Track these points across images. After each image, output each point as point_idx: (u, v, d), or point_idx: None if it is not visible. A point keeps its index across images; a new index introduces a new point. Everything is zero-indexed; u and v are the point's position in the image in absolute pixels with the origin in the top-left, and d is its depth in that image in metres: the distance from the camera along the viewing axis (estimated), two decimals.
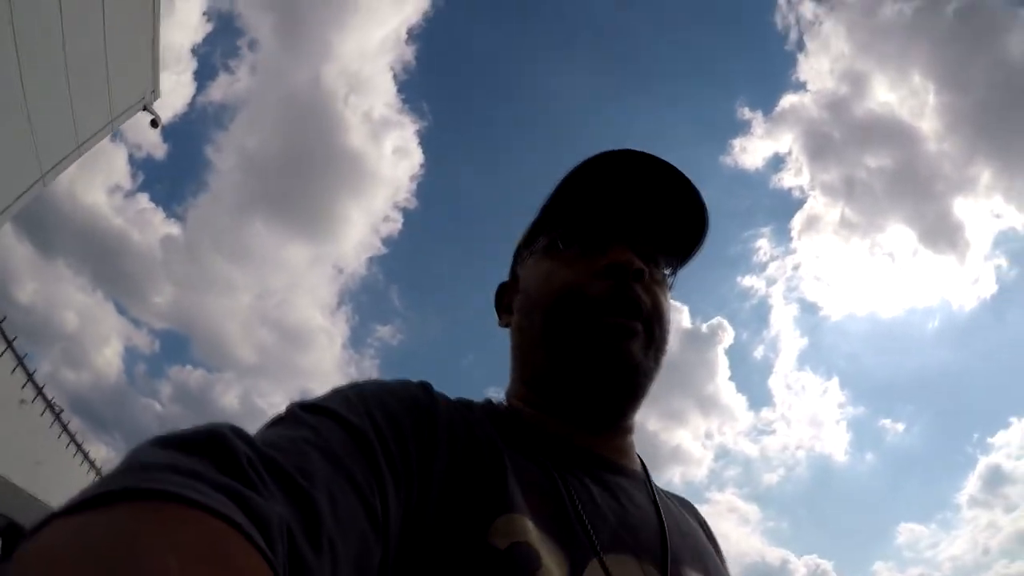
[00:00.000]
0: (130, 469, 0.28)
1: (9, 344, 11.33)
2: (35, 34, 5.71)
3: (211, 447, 0.31)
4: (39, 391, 13.05)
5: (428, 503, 0.44)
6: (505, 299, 0.72)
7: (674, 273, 0.67)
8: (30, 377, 12.41)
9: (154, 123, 7.83)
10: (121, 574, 0.21)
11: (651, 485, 0.62)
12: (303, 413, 0.43)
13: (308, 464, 0.36)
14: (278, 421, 0.43)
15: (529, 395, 0.63)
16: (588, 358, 0.58)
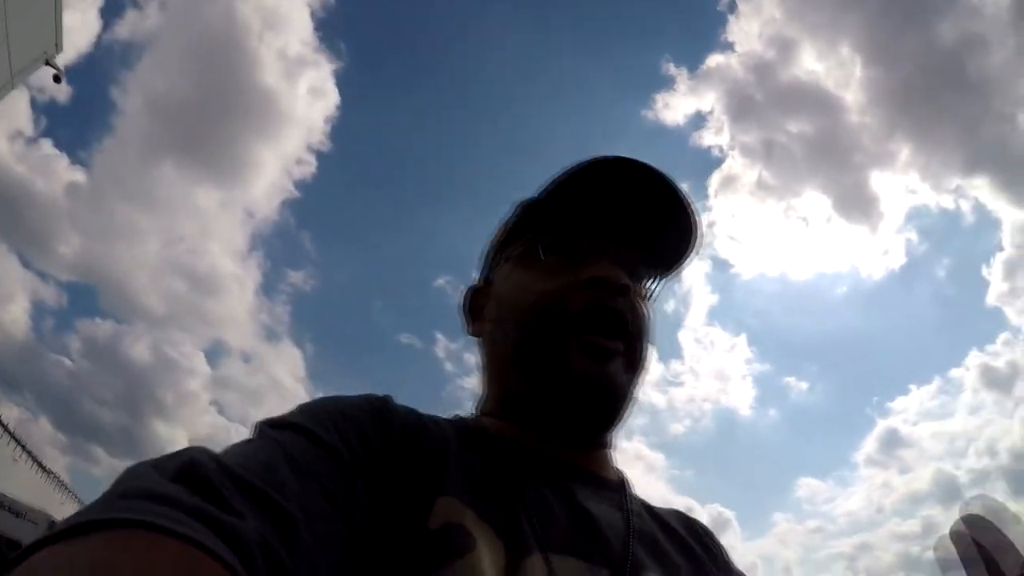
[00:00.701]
0: (110, 498, 0.30)
1: None
2: None
3: (185, 472, 0.33)
4: None
5: (382, 500, 0.44)
6: (475, 304, 0.68)
7: (660, 284, 0.65)
8: None
9: (56, 78, 7.87)
10: None
11: (627, 496, 0.59)
12: (269, 430, 0.44)
13: (279, 477, 0.37)
14: (245, 440, 0.43)
15: (498, 410, 0.61)
16: (564, 380, 0.55)
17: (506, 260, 0.65)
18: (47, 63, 7.78)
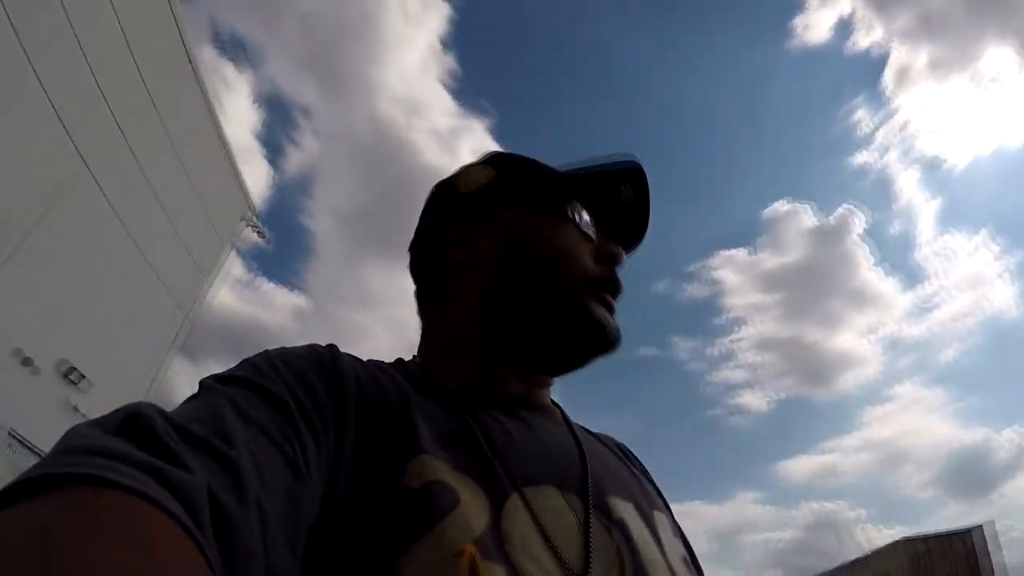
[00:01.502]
0: (53, 455, 0.29)
1: None
2: (135, 205, 6.41)
3: (128, 426, 0.32)
4: None
5: (343, 456, 0.44)
6: (454, 233, 0.67)
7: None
8: None
9: (260, 234, 8.59)
10: (43, 567, 0.22)
11: (569, 422, 0.63)
12: (216, 384, 0.43)
13: (225, 427, 0.36)
14: (194, 396, 0.42)
15: (454, 348, 0.63)
16: (584, 320, 0.60)
17: (518, 204, 0.67)
18: (248, 225, 8.60)
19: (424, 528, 0.41)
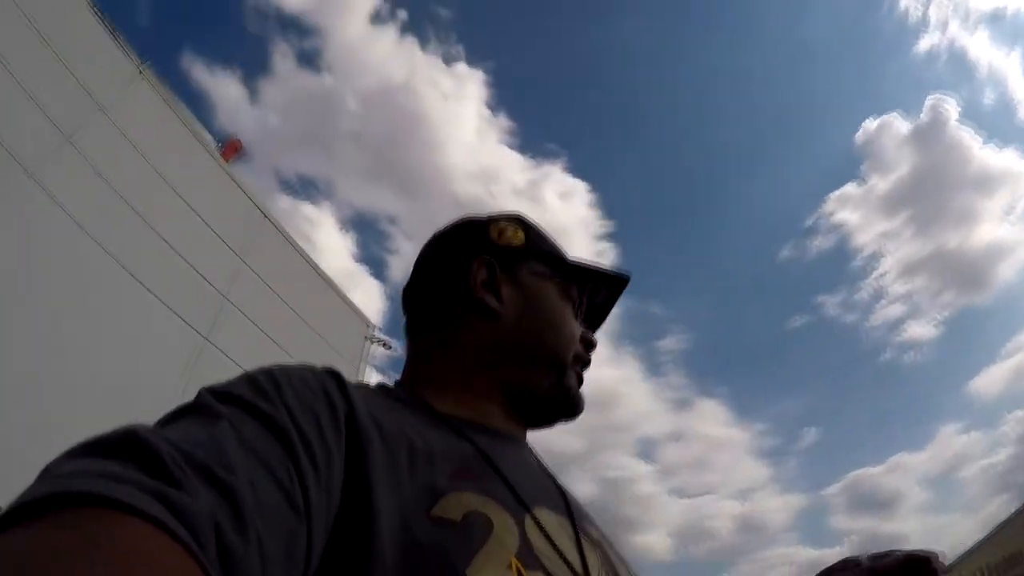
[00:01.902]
0: (57, 475, 0.28)
1: None
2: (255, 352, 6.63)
3: (131, 448, 0.31)
4: None
5: (370, 490, 0.44)
6: (481, 275, 0.72)
7: None
8: None
9: (386, 346, 8.79)
10: None
11: (538, 456, 0.70)
12: (215, 402, 0.41)
13: (227, 456, 0.35)
14: (190, 410, 0.41)
15: (444, 378, 0.67)
16: (564, 389, 0.70)
17: (539, 275, 0.74)
18: (372, 341, 8.77)
19: (468, 554, 0.45)
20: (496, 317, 0.70)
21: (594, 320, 0.82)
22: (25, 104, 4.38)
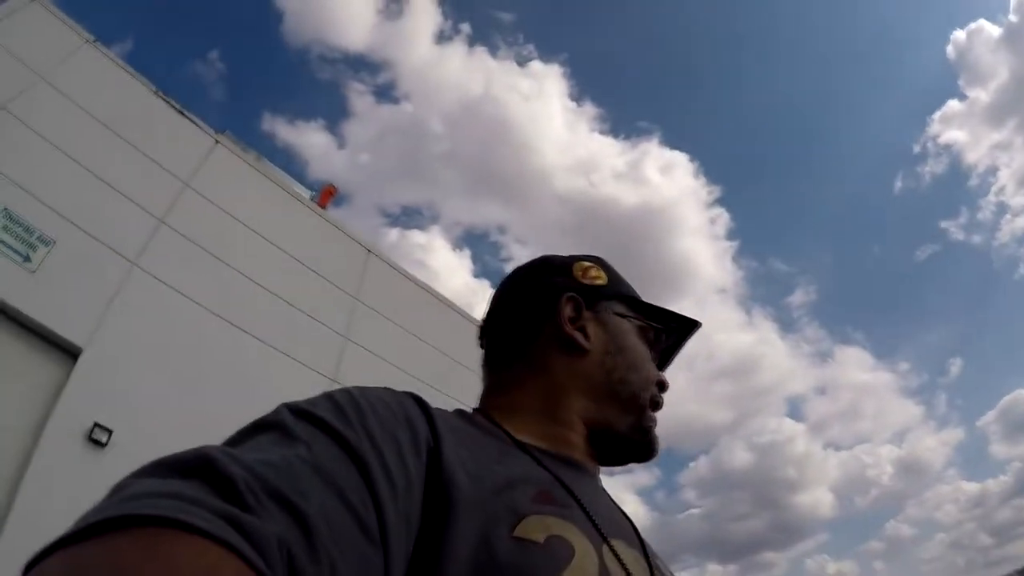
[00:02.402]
0: (121, 500, 0.28)
1: None
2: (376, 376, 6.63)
3: (203, 470, 0.31)
4: None
5: (451, 512, 0.44)
6: (569, 313, 0.74)
7: None
8: None
9: None
10: None
11: (606, 491, 0.70)
12: (294, 421, 0.41)
13: (301, 483, 0.35)
14: (267, 426, 0.41)
15: (525, 410, 0.68)
16: (641, 427, 0.71)
17: (619, 315, 0.76)
18: None
19: (558, 572, 0.45)
20: (583, 353, 0.72)
21: (663, 362, 0.82)
22: (113, 197, 4.55)
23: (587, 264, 0.80)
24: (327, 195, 8.83)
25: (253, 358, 5.27)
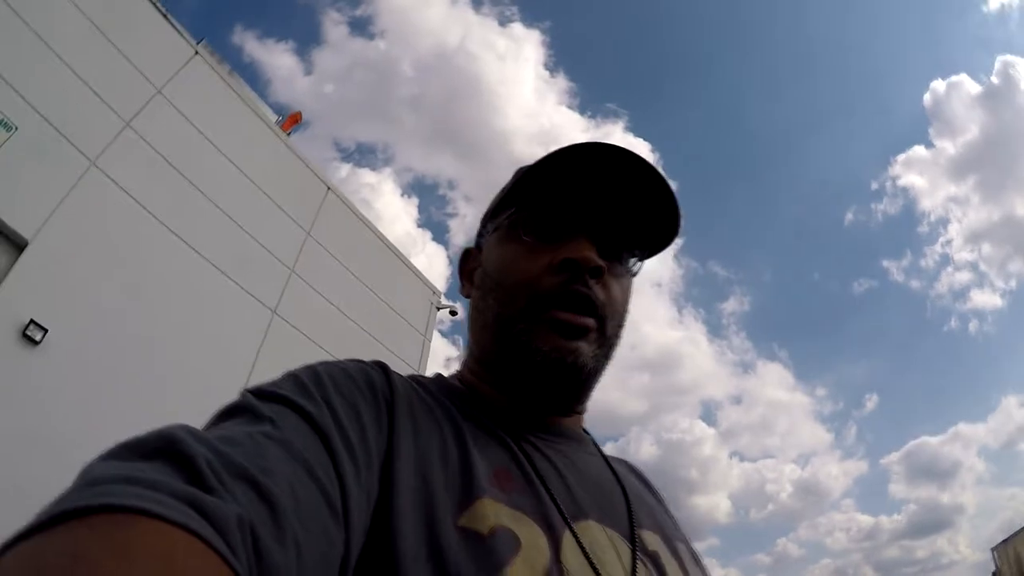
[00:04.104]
0: (85, 485, 0.28)
1: None
2: (321, 324, 6.72)
3: (166, 451, 0.31)
4: None
5: (397, 492, 0.43)
6: (468, 267, 0.71)
7: (642, 260, 0.66)
8: None
9: (452, 312, 8.76)
10: None
11: (602, 452, 0.65)
12: (257, 402, 0.42)
13: (267, 460, 0.35)
14: (232, 411, 0.41)
15: (480, 371, 0.64)
16: (531, 356, 0.57)
17: (495, 230, 0.66)
18: (438, 308, 8.74)
19: (495, 571, 0.42)
20: (473, 307, 0.67)
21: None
22: (83, 94, 4.43)
23: (495, 199, 0.70)
24: (292, 121, 8.63)
25: (197, 276, 5.29)
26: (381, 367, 0.54)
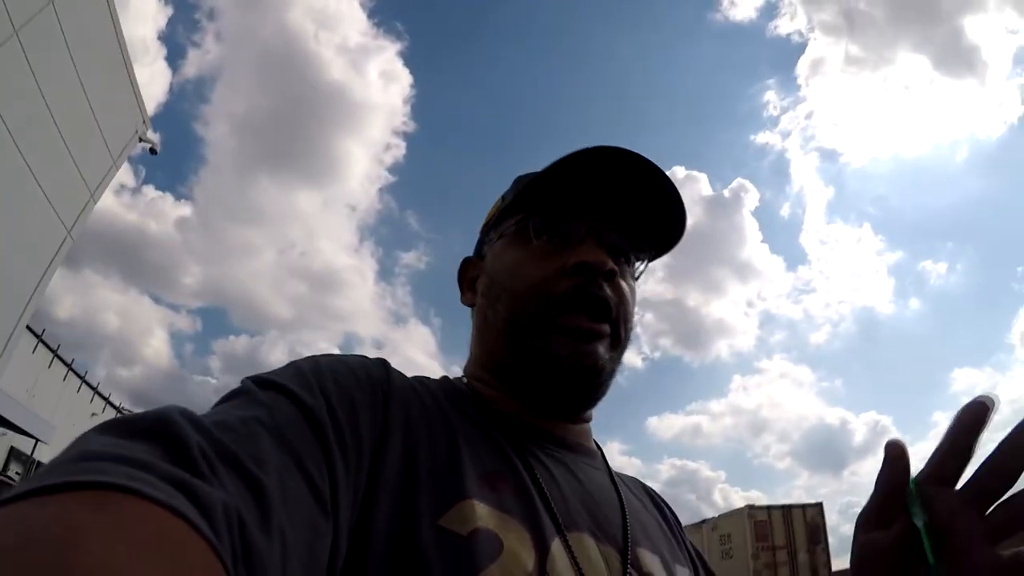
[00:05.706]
0: (75, 459, 0.27)
1: (61, 360, 12.71)
2: (23, 111, 6.31)
3: (159, 433, 0.31)
4: (98, 394, 14.97)
5: (381, 487, 0.44)
6: (468, 275, 0.71)
7: (649, 262, 0.67)
8: (83, 381, 13.98)
9: (152, 151, 8.44)
10: (66, 562, 0.21)
11: (609, 467, 0.63)
12: (257, 389, 0.42)
13: (259, 448, 0.35)
14: (232, 396, 0.42)
15: (487, 376, 0.63)
16: (545, 362, 0.57)
17: (500, 237, 0.66)
18: (140, 139, 8.35)
19: (470, 574, 0.41)
20: (478, 319, 0.66)
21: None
22: None
23: (491, 211, 0.70)
24: None
25: None
26: (383, 364, 0.54)
